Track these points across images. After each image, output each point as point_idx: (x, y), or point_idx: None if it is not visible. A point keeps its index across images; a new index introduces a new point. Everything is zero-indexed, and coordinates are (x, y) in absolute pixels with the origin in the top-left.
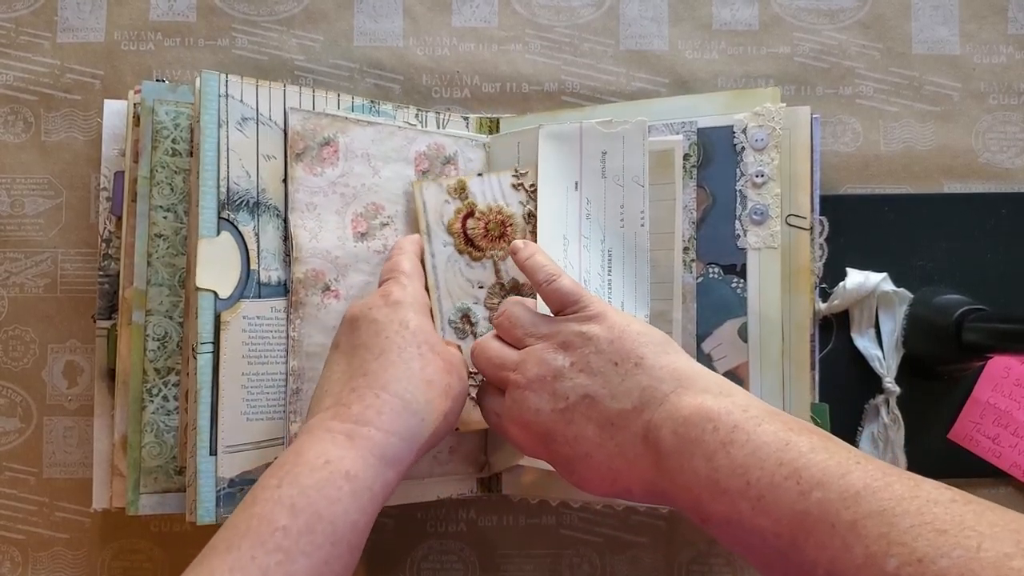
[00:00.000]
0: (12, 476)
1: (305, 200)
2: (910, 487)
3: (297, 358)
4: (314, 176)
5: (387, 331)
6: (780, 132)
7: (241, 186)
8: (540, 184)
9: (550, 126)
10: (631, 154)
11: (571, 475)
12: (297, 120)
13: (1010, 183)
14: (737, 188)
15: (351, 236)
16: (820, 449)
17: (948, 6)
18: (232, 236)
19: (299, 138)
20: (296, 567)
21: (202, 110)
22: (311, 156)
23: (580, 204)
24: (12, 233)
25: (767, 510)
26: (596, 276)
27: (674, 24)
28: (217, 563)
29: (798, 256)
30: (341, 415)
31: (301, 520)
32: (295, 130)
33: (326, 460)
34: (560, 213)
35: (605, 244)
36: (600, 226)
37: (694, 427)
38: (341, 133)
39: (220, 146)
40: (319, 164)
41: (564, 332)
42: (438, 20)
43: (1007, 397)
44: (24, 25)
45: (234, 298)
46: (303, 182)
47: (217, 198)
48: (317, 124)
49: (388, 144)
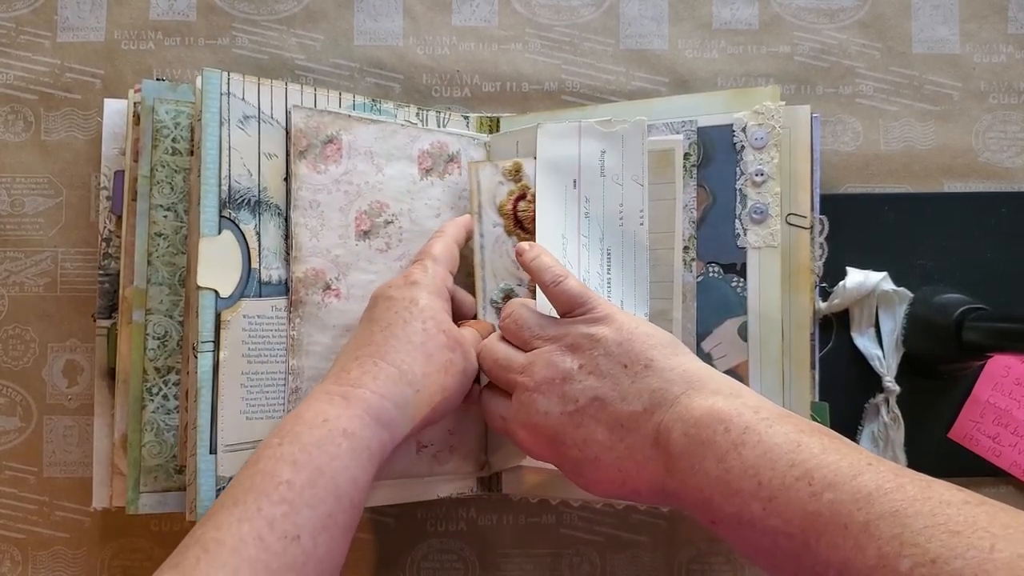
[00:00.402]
0: (12, 475)
1: (308, 198)
2: (922, 488)
3: (297, 357)
4: (317, 174)
5: (397, 307)
6: (780, 131)
7: (243, 184)
8: (538, 182)
9: (548, 124)
10: (630, 153)
11: (579, 478)
12: (300, 118)
13: (1010, 182)
14: (737, 187)
15: (354, 234)
16: (832, 450)
17: (948, 5)
18: (233, 235)
19: (302, 136)
20: (301, 518)
21: (204, 108)
22: (314, 154)
23: (579, 203)
24: (12, 232)
25: (779, 511)
26: (595, 275)
27: (674, 23)
28: (224, 516)
29: (798, 255)
30: (340, 379)
31: (303, 475)
32: (298, 128)
33: (324, 419)
34: (559, 212)
35: (604, 243)
36: (599, 225)
37: (705, 428)
38: (344, 131)
39: (222, 144)
40: (322, 162)
41: (572, 334)
42: (438, 19)
43: (1007, 396)
44: (24, 24)
45: (235, 297)
46: (306, 179)
47: (218, 196)
48: (320, 122)
49: (391, 142)
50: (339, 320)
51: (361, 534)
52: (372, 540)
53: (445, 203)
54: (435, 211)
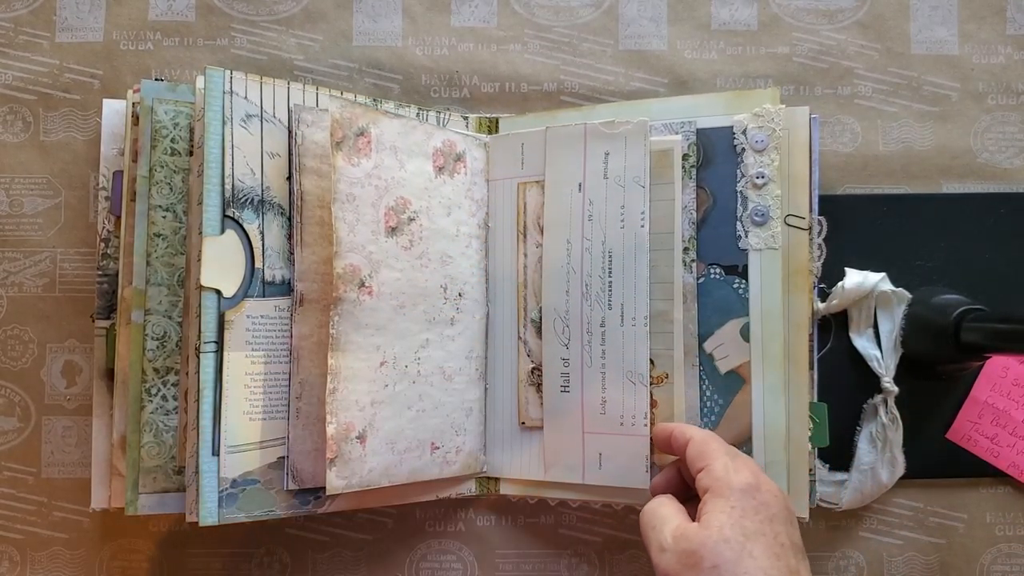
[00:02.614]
0: (11, 476)
1: (346, 191)
2: None
3: (335, 356)
4: (352, 166)
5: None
6: (780, 134)
7: (246, 184)
8: (547, 187)
9: (556, 127)
10: (632, 154)
11: None
12: (336, 108)
13: (1008, 183)
14: (738, 189)
15: (383, 230)
16: None
17: (947, 6)
18: (236, 234)
19: (338, 126)
20: None
21: (206, 106)
22: (348, 146)
23: (583, 206)
24: (11, 233)
25: None
26: (597, 279)
27: (673, 24)
28: None
29: (797, 256)
30: None
31: None
32: (335, 117)
33: None
34: (565, 216)
35: (606, 245)
36: (601, 227)
37: None
38: (373, 124)
39: (224, 143)
40: (355, 155)
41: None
42: (437, 20)
43: (1005, 397)
44: (23, 25)
45: (238, 297)
46: (344, 172)
47: (222, 196)
48: (353, 113)
49: (411, 138)
50: (371, 319)
51: (361, 534)
52: (371, 540)
53: (455, 202)
54: (447, 210)
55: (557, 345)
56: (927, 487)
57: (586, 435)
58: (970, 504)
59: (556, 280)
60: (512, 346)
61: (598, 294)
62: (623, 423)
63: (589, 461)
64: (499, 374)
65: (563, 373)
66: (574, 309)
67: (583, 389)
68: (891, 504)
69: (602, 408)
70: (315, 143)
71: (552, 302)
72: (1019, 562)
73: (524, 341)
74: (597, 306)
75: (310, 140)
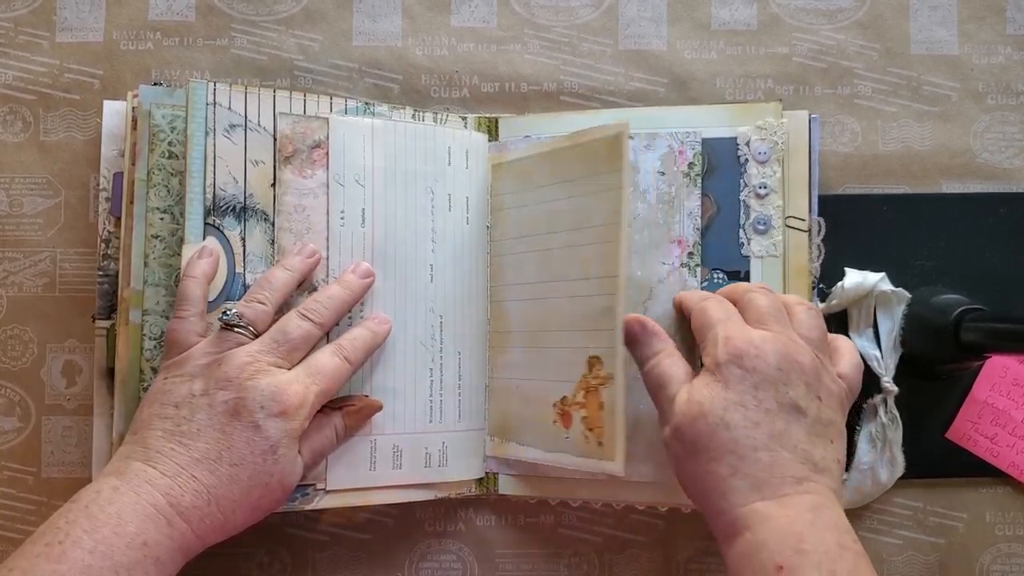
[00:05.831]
0: (10, 475)
1: (293, 203)
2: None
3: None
4: (303, 178)
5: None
6: (782, 147)
7: (228, 192)
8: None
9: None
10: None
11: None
12: (286, 124)
13: (1008, 183)
14: (741, 198)
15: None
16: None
17: (946, 6)
18: (217, 240)
19: (288, 142)
20: None
21: (189, 119)
22: (301, 159)
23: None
24: (11, 233)
25: None
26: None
27: (673, 24)
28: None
29: (796, 257)
30: (175, 492)
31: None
32: (284, 134)
33: (144, 542)
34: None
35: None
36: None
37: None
38: (331, 134)
39: (207, 154)
40: (309, 167)
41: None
42: (437, 20)
43: (1005, 396)
44: (23, 25)
45: (219, 300)
46: (291, 185)
47: (203, 204)
48: (307, 127)
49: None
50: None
51: (360, 534)
52: (371, 540)
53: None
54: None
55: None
56: (927, 487)
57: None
58: (970, 504)
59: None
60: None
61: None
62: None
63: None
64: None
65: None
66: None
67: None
68: (890, 504)
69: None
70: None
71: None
72: (1019, 562)
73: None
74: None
75: None
